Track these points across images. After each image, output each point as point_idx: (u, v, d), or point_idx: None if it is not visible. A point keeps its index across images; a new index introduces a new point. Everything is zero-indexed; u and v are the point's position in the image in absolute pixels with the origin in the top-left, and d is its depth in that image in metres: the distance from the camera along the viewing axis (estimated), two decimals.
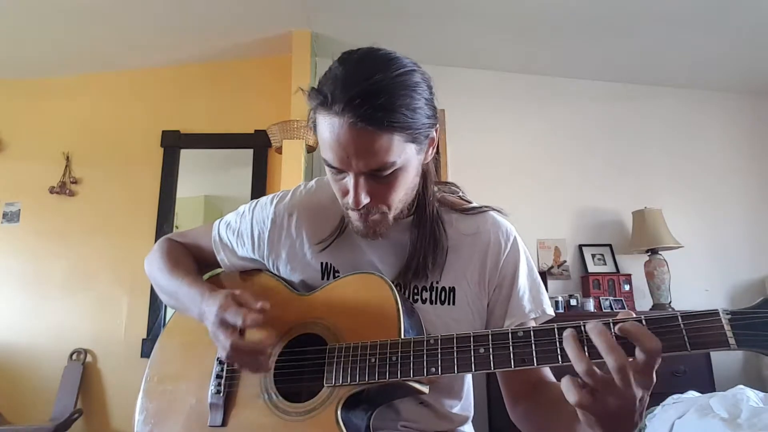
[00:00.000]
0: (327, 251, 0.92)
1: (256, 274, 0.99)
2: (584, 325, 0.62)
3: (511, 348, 0.67)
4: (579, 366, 0.60)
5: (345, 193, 0.80)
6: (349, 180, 0.77)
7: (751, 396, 1.79)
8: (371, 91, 0.71)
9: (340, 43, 3.03)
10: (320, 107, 0.75)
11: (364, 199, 0.77)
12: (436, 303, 0.89)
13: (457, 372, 0.69)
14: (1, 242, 3.06)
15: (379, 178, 0.77)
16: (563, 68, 3.26)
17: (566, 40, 2.96)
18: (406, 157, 0.78)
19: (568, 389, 0.60)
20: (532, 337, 0.66)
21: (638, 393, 0.59)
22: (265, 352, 0.78)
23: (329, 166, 0.79)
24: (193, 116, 3.22)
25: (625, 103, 3.31)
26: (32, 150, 3.19)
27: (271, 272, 0.98)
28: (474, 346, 0.69)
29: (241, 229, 0.99)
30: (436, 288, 0.89)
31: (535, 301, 0.91)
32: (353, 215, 0.83)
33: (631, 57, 3.10)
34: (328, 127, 0.74)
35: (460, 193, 0.99)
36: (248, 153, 3.15)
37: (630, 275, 2.96)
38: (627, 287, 2.92)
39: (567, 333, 0.62)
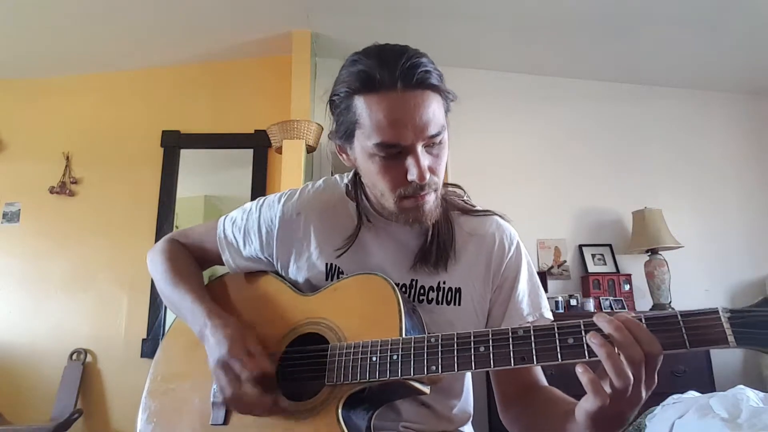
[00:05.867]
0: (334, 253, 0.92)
1: (260, 276, 0.99)
2: (597, 324, 0.62)
3: (511, 347, 0.67)
4: (611, 366, 0.58)
5: (399, 178, 0.79)
6: (409, 158, 0.77)
7: (751, 396, 1.79)
8: (413, 59, 0.76)
9: (340, 43, 3.03)
10: (366, 90, 0.76)
11: (428, 172, 0.78)
12: (442, 303, 0.89)
13: (458, 370, 0.69)
14: (1, 242, 3.06)
15: (431, 148, 0.80)
16: (563, 68, 3.27)
17: (566, 40, 2.96)
18: (446, 123, 0.81)
19: (595, 389, 0.59)
20: (532, 336, 0.66)
21: (643, 394, 0.60)
22: (263, 406, 0.79)
23: (386, 148, 0.77)
24: (193, 116, 3.21)
25: (625, 103, 3.31)
26: (32, 150, 3.19)
27: (276, 273, 0.98)
28: (474, 345, 0.69)
29: (248, 227, 0.98)
30: (443, 288, 0.90)
31: (533, 304, 0.92)
32: (408, 203, 0.82)
33: (631, 57, 3.10)
34: (383, 104, 0.75)
35: (465, 197, 0.99)
36: (248, 153, 3.15)
37: (630, 275, 2.96)
38: (627, 287, 2.92)
39: (593, 334, 0.61)
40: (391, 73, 0.74)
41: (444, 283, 0.89)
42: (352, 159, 0.87)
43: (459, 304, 0.89)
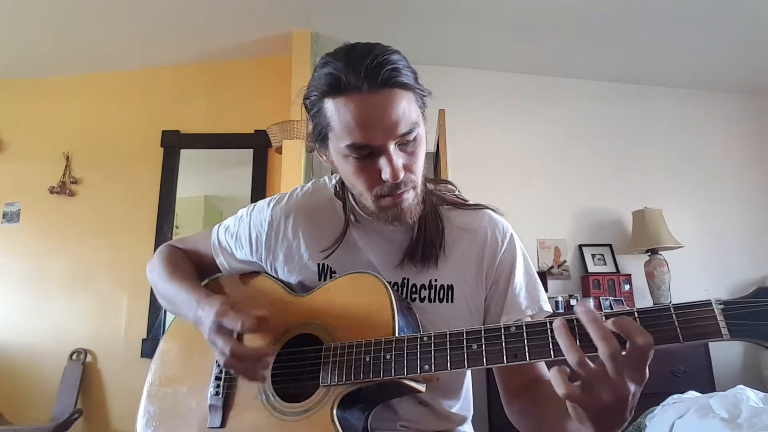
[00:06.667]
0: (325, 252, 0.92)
1: (254, 276, 1.00)
2: (575, 313, 0.61)
3: (503, 344, 0.66)
4: (571, 357, 0.58)
5: (374, 178, 0.79)
6: (382, 158, 0.77)
7: (751, 396, 1.79)
8: (380, 57, 0.75)
9: (340, 43, 3.01)
10: (334, 93, 0.76)
11: (402, 170, 0.78)
12: (435, 301, 0.89)
13: (450, 369, 0.69)
14: (1, 242, 3.06)
15: (405, 146, 0.79)
16: (563, 68, 3.26)
17: (566, 40, 2.96)
18: (420, 119, 0.80)
19: (557, 381, 0.59)
20: (525, 332, 0.65)
21: (631, 388, 0.58)
22: (262, 360, 0.79)
23: (357, 149, 0.77)
24: (193, 116, 3.21)
25: (625, 103, 3.31)
26: (32, 150, 3.19)
27: (269, 274, 0.98)
28: (467, 343, 0.69)
29: (239, 233, 0.99)
30: (435, 286, 0.89)
31: (531, 297, 0.91)
32: (385, 201, 0.82)
33: (631, 57, 3.10)
34: (351, 106, 0.75)
35: (457, 192, 0.99)
36: (248, 153, 3.15)
37: (630, 275, 2.96)
38: (627, 287, 2.92)
39: (557, 323, 0.61)
40: (356, 74, 0.74)
41: (435, 280, 0.89)
42: (330, 161, 0.87)
43: (452, 302, 0.89)
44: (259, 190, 3.06)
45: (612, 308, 2.76)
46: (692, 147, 3.25)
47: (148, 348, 2.85)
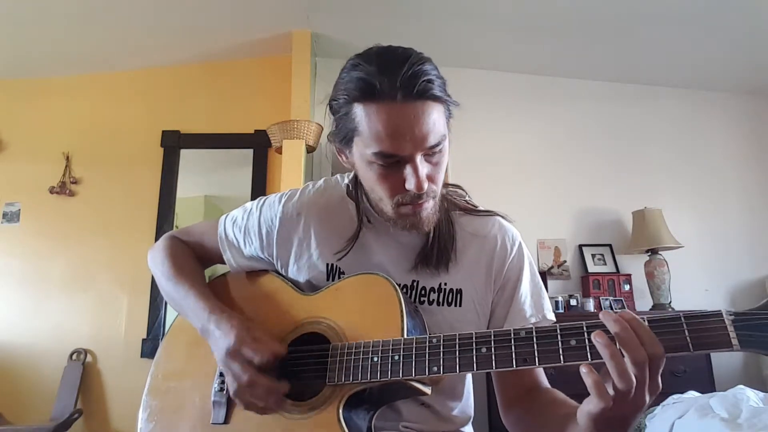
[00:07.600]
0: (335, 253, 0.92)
1: (261, 275, 0.99)
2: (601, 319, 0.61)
3: (513, 348, 0.67)
4: (614, 366, 0.57)
5: (397, 186, 0.79)
6: (408, 168, 0.77)
7: (751, 396, 1.79)
8: (415, 66, 0.73)
9: (340, 43, 3.03)
10: (365, 99, 0.75)
11: (426, 182, 0.77)
12: (443, 304, 0.89)
13: (459, 371, 0.69)
14: (1, 242, 3.06)
15: (431, 156, 0.79)
16: (563, 68, 3.27)
17: (566, 40, 2.96)
18: (447, 131, 0.80)
19: (600, 394, 0.58)
20: (534, 337, 0.66)
21: (647, 398, 0.59)
22: (278, 393, 0.78)
23: (384, 157, 0.77)
24: (193, 116, 3.21)
25: (625, 103, 3.31)
26: (32, 150, 3.18)
27: (277, 272, 0.97)
28: (476, 346, 0.69)
29: (248, 227, 0.98)
30: (444, 290, 0.89)
31: (536, 305, 0.92)
32: (405, 209, 0.81)
33: (631, 57, 3.10)
34: (382, 115, 0.74)
35: (467, 198, 0.99)
36: (248, 153, 3.15)
37: (630, 275, 2.96)
38: (627, 287, 2.92)
39: (596, 333, 0.60)
40: (391, 82, 0.73)
41: (445, 284, 0.89)
42: (351, 162, 0.86)
43: (460, 306, 0.89)
44: (259, 190, 3.05)
45: (612, 308, 2.75)
46: (692, 147, 3.25)
47: (148, 348, 2.85)
